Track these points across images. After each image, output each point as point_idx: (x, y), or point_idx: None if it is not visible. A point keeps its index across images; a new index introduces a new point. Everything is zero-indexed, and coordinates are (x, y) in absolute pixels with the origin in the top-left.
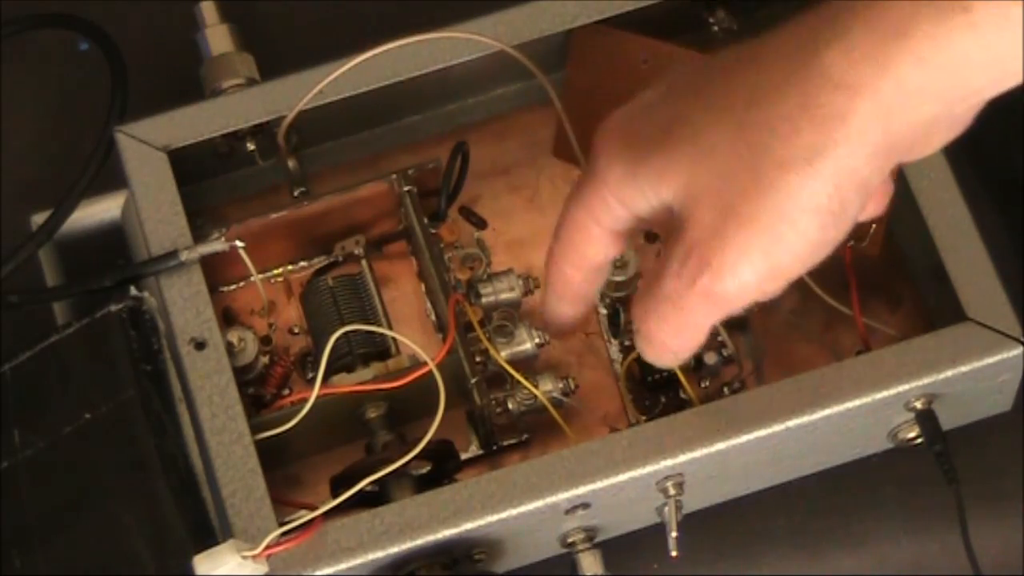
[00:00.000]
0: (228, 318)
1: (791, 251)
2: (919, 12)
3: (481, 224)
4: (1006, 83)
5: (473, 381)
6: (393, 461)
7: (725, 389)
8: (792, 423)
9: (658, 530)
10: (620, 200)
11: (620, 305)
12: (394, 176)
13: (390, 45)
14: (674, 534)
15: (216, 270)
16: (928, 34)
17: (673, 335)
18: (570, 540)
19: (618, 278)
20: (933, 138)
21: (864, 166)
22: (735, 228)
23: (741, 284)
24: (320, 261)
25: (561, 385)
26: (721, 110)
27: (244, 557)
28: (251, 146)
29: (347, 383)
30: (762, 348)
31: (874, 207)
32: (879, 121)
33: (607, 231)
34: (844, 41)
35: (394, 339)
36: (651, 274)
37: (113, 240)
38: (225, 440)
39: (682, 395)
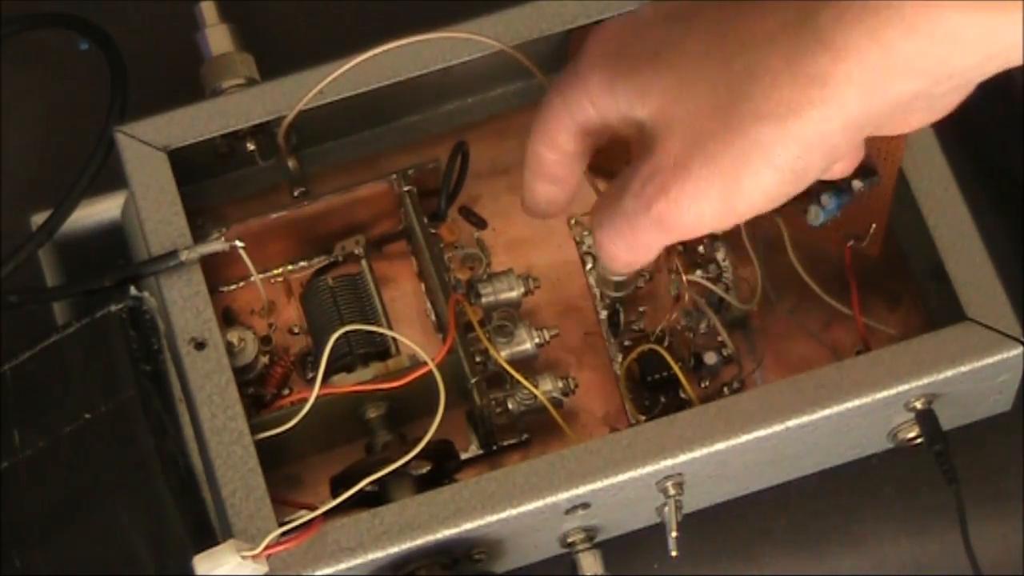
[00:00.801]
0: (228, 318)
1: (747, 198)
2: None
3: (481, 224)
4: (993, 66)
5: (473, 381)
6: (393, 461)
7: (725, 389)
8: (792, 423)
9: (658, 530)
10: (594, 105)
11: (620, 305)
12: (394, 176)
13: (390, 45)
14: (674, 534)
15: (216, 270)
16: (922, 3)
17: (624, 249)
18: (570, 540)
19: (618, 278)
20: (911, 116)
21: (836, 132)
22: (699, 164)
23: (694, 218)
24: (320, 261)
25: (561, 385)
26: (711, 46)
27: (244, 557)
28: (251, 146)
29: (347, 383)
30: (762, 348)
31: (841, 169)
32: (860, 88)
33: (579, 125)
34: (838, 5)
35: (394, 339)
36: (615, 184)
37: (113, 240)
38: (225, 440)
39: (682, 395)
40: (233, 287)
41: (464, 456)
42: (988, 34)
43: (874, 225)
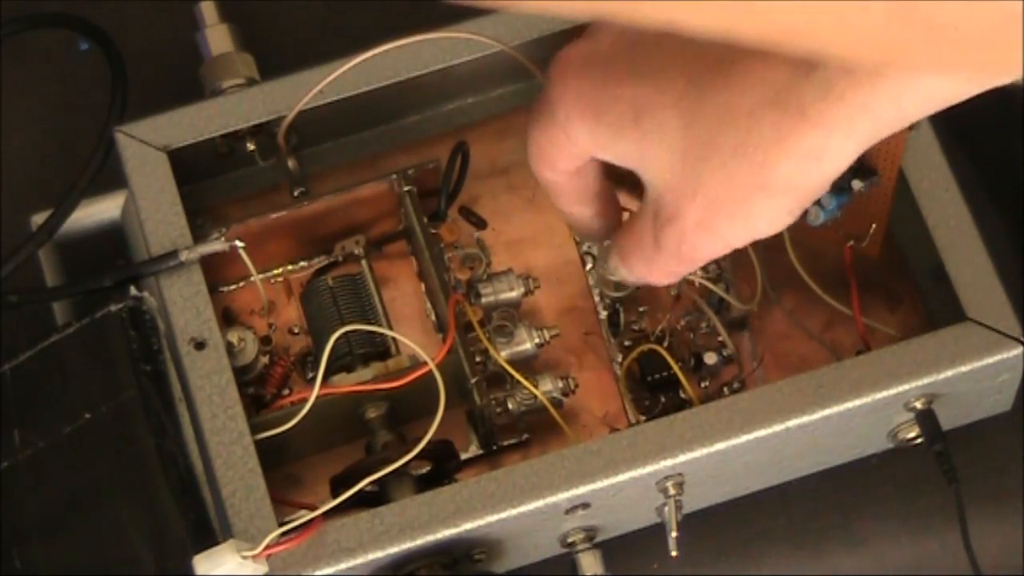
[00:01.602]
0: (228, 318)
1: (748, 238)
2: None
3: (481, 224)
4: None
5: (473, 381)
6: (393, 461)
7: (725, 389)
8: (792, 423)
9: (658, 530)
10: (583, 153)
11: (620, 305)
12: (394, 176)
13: (390, 45)
14: (674, 534)
15: (216, 270)
16: (904, 76)
17: (650, 276)
18: (570, 540)
19: (618, 278)
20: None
21: (832, 178)
22: (706, 227)
23: (717, 252)
24: (320, 261)
25: (561, 385)
26: (691, 117)
27: (244, 557)
28: (251, 146)
29: (347, 383)
30: (762, 348)
31: None
32: (855, 147)
33: (570, 156)
34: (822, 79)
35: (394, 339)
36: (631, 226)
37: (113, 240)
38: (225, 440)
39: (682, 395)
40: (233, 287)
41: (464, 456)
42: (963, 88)
43: (874, 225)
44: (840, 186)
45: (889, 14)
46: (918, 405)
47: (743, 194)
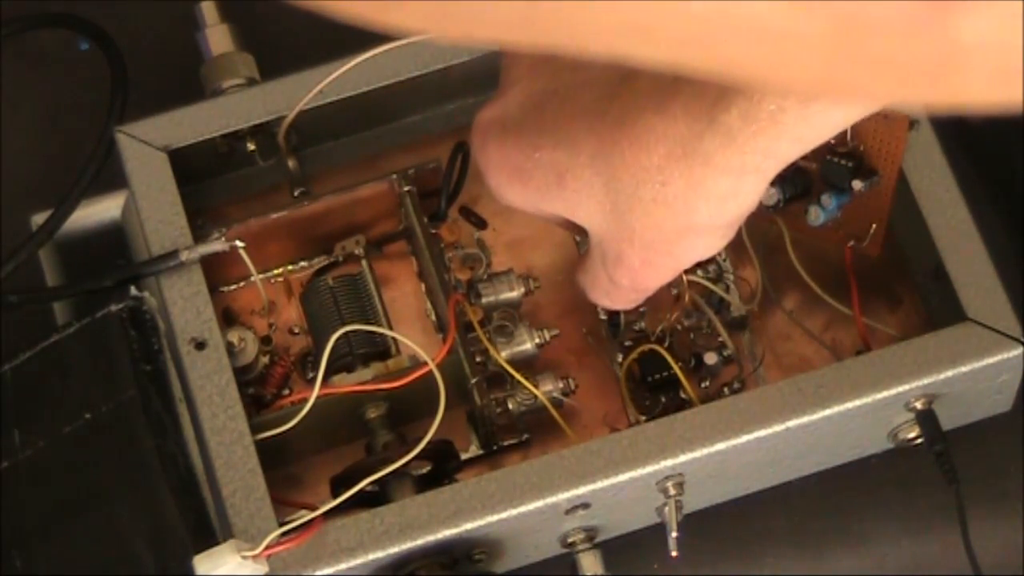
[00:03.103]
0: (228, 318)
1: (694, 261)
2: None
3: (481, 224)
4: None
5: (473, 381)
6: (393, 461)
7: (725, 389)
8: (792, 423)
9: (658, 530)
10: (521, 208)
11: None
12: (394, 176)
13: (390, 45)
14: (674, 534)
15: (216, 270)
16: (801, 112)
17: (614, 305)
18: (570, 540)
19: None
20: None
21: (753, 206)
22: (650, 269)
23: (661, 282)
24: (320, 261)
25: (561, 385)
26: (607, 177)
27: (244, 557)
28: (251, 146)
29: (347, 383)
30: (762, 348)
31: None
32: (765, 181)
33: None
34: (724, 128)
35: (394, 339)
36: (587, 261)
37: (113, 240)
38: (225, 440)
39: (682, 395)
40: (233, 287)
41: (464, 456)
42: (861, 112)
43: (874, 225)
44: (840, 186)
45: (833, 51)
46: (918, 405)
47: (674, 235)
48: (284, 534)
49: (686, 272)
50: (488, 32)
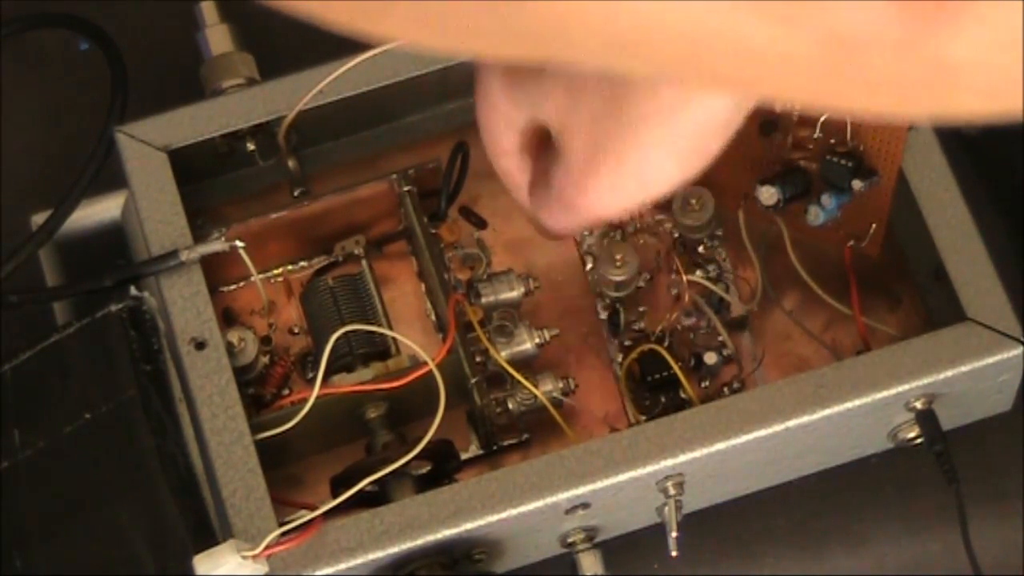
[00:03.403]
0: (228, 318)
1: (660, 183)
2: None
3: (481, 224)
4: None
5: (473, 381)
6: (393, 461)
7: (725, 389)
8: (792, 423)
9: (658, 530)
10: (507, 104)
11: (620, 305)
12: (394, 176)
13: (390, 45)
14: (674, 534)
15: (216, 270)
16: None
17: (559, 223)
18: (570, 540)
19: (618, 278)
20: None
21: (725, 112)
22: (606, 167)
23: (618, 208)
24: (320, 261)
25: (561, 385)
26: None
27: (244, 557)
28: (251, 146)
29: (347, 383)
30: (762, 348)
31: None
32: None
33: (510, 129)
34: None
35: (394, 339)
36: (539, 169)
37: (113, 240)
38: (225, 440)
39: (682, 395)
40: (233, 287)
41: (464, 456)
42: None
43: (874, 225)
44: (840, 186)
45: (822, 70)
46: (918, 405)
47: (629, 125)
48: (284, 534)
49: (685, 272)
50: (478, 44)
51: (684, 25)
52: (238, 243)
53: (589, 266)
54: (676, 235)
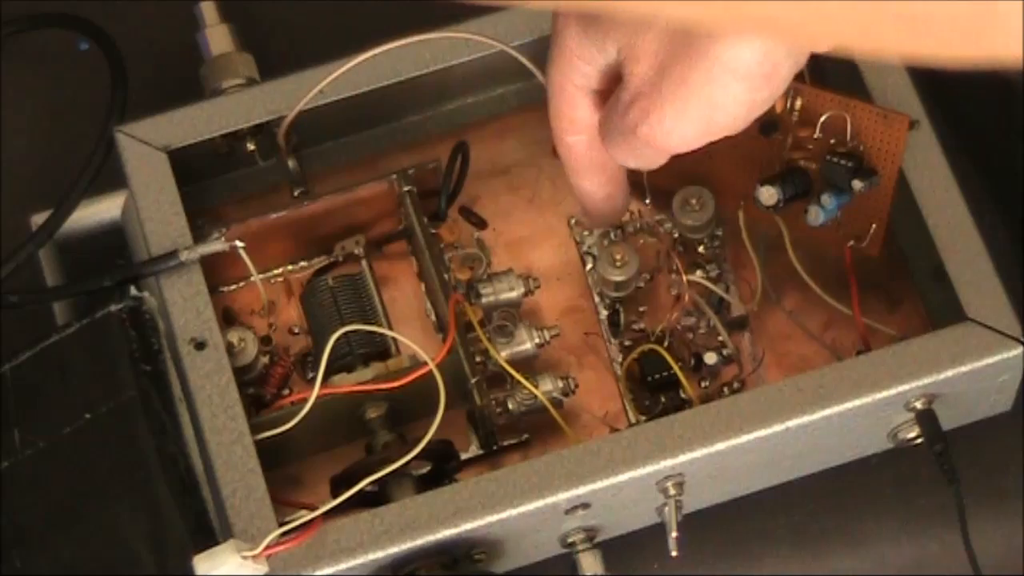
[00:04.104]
0: (228, 318)
1: (724, 111)
2: None
3: (481, 224)
4: None
5: (473, 381)
6: (393, 461)
7: (725, 389)
8: (792, 423)
9: (658, 530)
10: (580, 57)
11: (620, 305)
12: (394, 176)
13: (390, 45)
14: (674, 534)
15: (216, 270)
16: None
17: (628, 159)
18: (570, 540)
19: (618, 278)
20: None
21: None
22: (671, 88)
23: (679, 136)
24: (320, 261)
25: (561, 385)
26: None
27: (244, 557)
28: (251, 146)
29: (347, 383)
30: (762, 348)
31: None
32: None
33: (583, 90)
34: None
35: (394, 339)
36: (609, 105)
37: (113, 240)
38: (225, 440)
39: (682, 395)
40: (233, 287)
41: (464, 456)
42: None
43: (874, 225)
44: (840, 186)
45: (869, 10)
46: (918, 405)
47: (697, 45)
48: (284, 534)
49: (685, 272)
50: None
51: None
52: (238, 243)
53: (589, 266)
54: (676, 235)
